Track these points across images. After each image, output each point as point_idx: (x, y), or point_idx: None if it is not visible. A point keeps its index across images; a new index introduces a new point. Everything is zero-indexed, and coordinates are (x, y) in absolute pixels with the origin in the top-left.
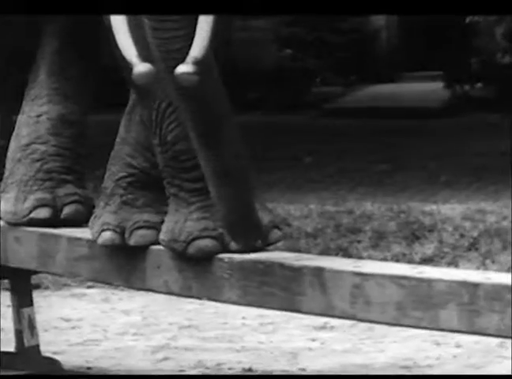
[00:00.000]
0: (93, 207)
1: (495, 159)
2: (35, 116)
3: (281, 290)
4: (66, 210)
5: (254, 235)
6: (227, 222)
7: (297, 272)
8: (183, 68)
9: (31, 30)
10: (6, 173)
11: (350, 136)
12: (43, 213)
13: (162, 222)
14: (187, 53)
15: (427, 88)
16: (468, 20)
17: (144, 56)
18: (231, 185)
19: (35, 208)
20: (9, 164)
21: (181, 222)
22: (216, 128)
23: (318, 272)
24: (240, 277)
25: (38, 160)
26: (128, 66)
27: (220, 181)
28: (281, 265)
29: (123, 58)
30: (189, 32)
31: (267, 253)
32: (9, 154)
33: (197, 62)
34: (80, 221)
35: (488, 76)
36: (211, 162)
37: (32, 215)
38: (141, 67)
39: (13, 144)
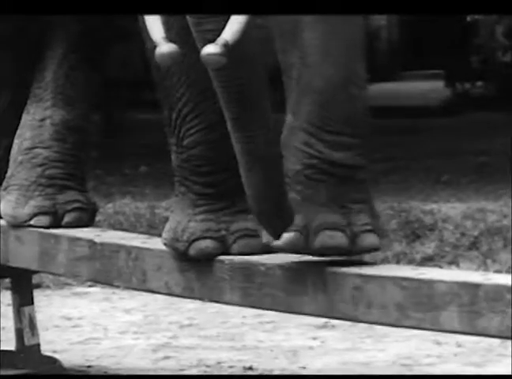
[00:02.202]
0: (96, 211)
1: (496, 157)
2: (39, 119)
3: (282, 292)
4: (67, 218)
5: (283, 223)
6: (255, 208)
7: (298, 273)
8: (209, 48)
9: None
10: (9, 172)
11: None
12: (43, 221)
13: (349, 224)
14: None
15: (427, 87)
16: (468, 18)
17: (172, 38)
18: (260, 171)
19: (35, 215)
20: (11, 164)
21: (184, 222)
22: (249, 112)
23: (320, 273)
24: (241, 278)
25: (40, 165)
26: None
27: (249, 165)
28: (282, 267)
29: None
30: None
31: (268, 255)
32: (12, 154)
33: (227, 45)
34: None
35: (489, 74)
36: (241, 144)
37: (32, 222)
38: (164, 47)
39: (16, 144)
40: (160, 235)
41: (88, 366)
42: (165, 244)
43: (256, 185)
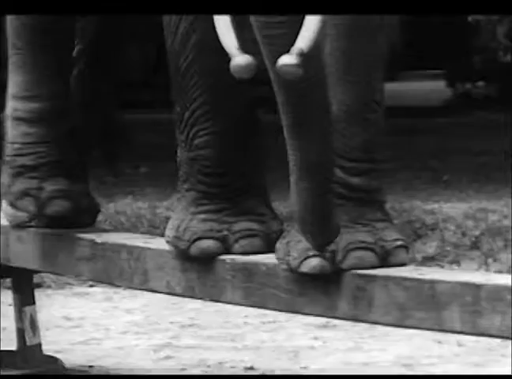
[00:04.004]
0: (98, 212)
1: (497, 157)
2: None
3: (284, 292)
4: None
5: (329, 236)
6: (301, 218)
7: (300, 273)
8: (286, 59)
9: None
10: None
11: None
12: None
13: (378, 240)
14: (292, 41)
15: (428, 87)
16: (469, 18)
17: (245, 48)
18: (312, 181)
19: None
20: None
21: (187, 220)
22: (310, 122)
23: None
24: (243, 278)
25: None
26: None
27: (303, 174)
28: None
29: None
30: (295, 19)
31: (269, 254)
32: None
33: (302, 54)
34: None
35: (490, 74)
36: (298, 153)
37: (33, 223)
38: (240, 59)
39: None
40: (162, 235)
41: (90, 366)
42: (168, 241)
43: (306, 195)
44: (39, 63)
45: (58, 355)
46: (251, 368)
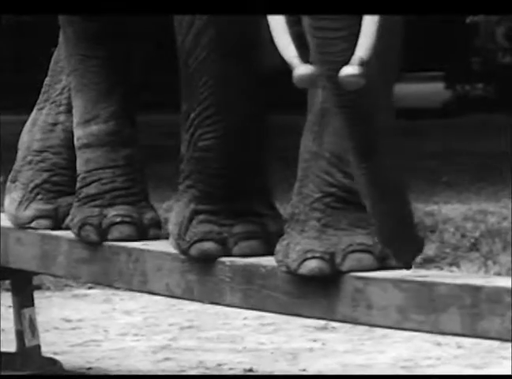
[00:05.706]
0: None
1: (496, 159)
2: (51, 123)
3: (283, 294)
4: (68, 220)
5: (411, 251)
6: (383, 237)
7: (299, 275)
8: (349, 70)
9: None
10: (17, 166)
11: None
12: (43, 224)
13: (376, 244)
14: (350, 48)
15: (427, 89)
16: (468, 20)
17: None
18: (386, 201)
19: (36, 217)
20: (20, 158)
21: (187, 219)
22: (374, 140)
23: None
24: (242, 280)
25: (47, 171)
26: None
27: (375, 196)
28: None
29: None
30: (353, 33)
31: (269, 257)
32: (21, 148)
33: (364, 63)
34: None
35: (489, 76)
36: (366, 175)
37: (32, 224)
38: (302, 69)
39: (25, 142)
40: (166, 237)
41: (88, 368)
42: (171, 235)
43: (384, 215)
44: (94, 82)
45: (56, 357)
46: (250, 370)
